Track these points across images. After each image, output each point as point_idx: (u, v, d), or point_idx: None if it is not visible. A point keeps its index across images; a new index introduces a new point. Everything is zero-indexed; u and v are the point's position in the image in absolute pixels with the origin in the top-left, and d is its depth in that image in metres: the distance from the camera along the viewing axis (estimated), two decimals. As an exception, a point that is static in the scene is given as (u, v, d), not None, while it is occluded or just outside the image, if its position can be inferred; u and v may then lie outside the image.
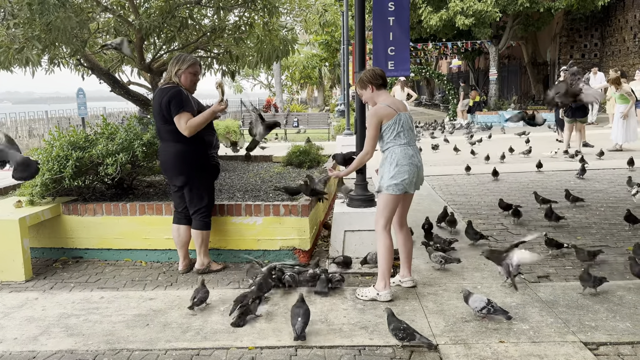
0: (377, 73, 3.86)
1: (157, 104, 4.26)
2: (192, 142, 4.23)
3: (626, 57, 21.55)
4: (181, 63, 4.26)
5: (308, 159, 7.26)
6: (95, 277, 4.50)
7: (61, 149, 4.79)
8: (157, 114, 4.29)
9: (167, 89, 4.22)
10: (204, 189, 4.39)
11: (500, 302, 3.66)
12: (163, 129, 4.30)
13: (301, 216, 4.60)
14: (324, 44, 31.50)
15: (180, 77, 4.27)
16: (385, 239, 3.81)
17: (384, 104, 3.78)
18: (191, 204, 4.38)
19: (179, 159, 4.27)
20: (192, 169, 4.27)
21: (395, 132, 3.73)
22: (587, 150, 10.91)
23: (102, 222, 4.84)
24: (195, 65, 4.33)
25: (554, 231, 5.42)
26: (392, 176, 3.71)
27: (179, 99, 4.15)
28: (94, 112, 20.37)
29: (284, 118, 17.42)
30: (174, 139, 4.24)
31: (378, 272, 3.86)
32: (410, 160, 3.71)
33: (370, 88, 3.85)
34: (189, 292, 4.03)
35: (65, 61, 7.51)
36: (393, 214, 3.88)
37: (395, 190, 3.71)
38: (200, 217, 4.40)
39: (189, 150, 4.26)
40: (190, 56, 4.40)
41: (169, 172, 4.37)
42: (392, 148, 3.74)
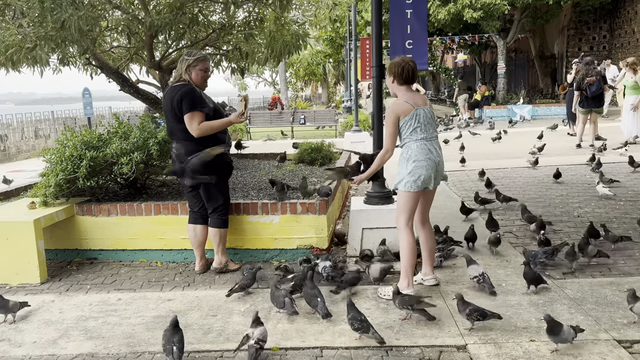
0: (404, 71, 3.69)
1: (169, 102, 4.19)
2: (205, 140, 4.17)
3: (636, 48, 21.28)
4: (191, 60, 4.19)
5: (320, 156, 7.18)
6: (111, 279, 4.44)
7: (75, 149, 4.73)
8: (168, 112, 4.22)
9: (178, 87, 4.15)
10: (219, 187, 4.33)
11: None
12: (176, 128, 4.23)
13: (319, 214, 4.53)
14: (329, 40, 31.40)
15: (190, 74, 4.20)
16: (408, 236, 3.72)
17: (402, 99, 3.70)
18: (209, 203, 4.33)
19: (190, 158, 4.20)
20: (206, 167, 4.20)
21: (412, 128, 3.65)
22: (599, 143, 10.76)
23: (117, 222, 4.78)
24: (205, 62, 4.27)
25: (575, 227, 5.32)
26: (409, 172, 3.63)
27: (191, 97, 4.09)
28: (98, 112, 20.34)
29: (290, 115, 17.35)
30: (187, 138, 4.18)
31: (401, 270, 3.78)
32: (427, 156, 3.62)
33: (392, 79, 3.76)
34: (207, 293, 3.97)
35: (75, 60, 7.47)
36: (414, 210, 3.80)
37: (413, 187, 3.63)
38: (217, 215, 4.35)
39: (202, 149, 4.18)
40: (200, 52, 4.34)
41: (187, 172, 4.29)
42: (408, 144, 3.67)
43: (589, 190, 6.91)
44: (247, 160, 7.78)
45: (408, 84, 3.76)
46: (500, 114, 18.74)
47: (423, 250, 3.94)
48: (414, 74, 3.75)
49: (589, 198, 6.45)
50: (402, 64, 3.72)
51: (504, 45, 20.66)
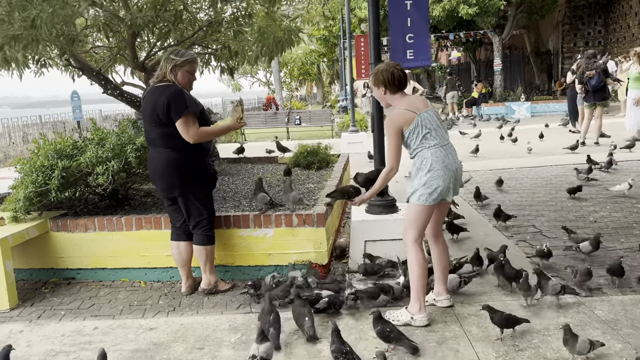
0: (396, 77, 3.29)
1: (150, 105, 3.74)
2: (185, 148, 3.74)
3: (631, 43, 20.98)
4: (179, 60, 3.75)
5: (317, 159, 6.76)
6: (88, 303, 4.00)
7: (46, 158, 4.29)
8: (148, 115, 3.78)
9: (164, 88, 3.71)
10: (201, 200, 3.88)
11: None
12: (154, 133, 3.79)
13: (317, 226, 4.11)
14: (322, 39, 30.94)
15: (176, 74, 3.77)
16: (417, 253, 3.31)
17: (401, 108, 3.28)
18: (190, 217, 3.89)
19: (171, 168, 3.77)
20: (186, 178, 3.78)
21: (422, 136, 3.23)
22: (604, 140, 10.41)
23: (95, 238, 4.34)
24: (193, 63, 3.85)
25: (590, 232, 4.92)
26: (424, 183, 3.21)
27: (181, 99, 3.66)
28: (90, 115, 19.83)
29: (285, 116, 16.91)
30: (166, 145, 3.75)
31: (411, 291, 3.37)
32: (444, 164, 3.21)
33: (382, 89, 3.34)
34: (194, 320, 3.55)
35: (54, 62, 7.03)
36: (425, 225, 3.39)
37: (429, 201, 3.22)
38: (201, 230, 3.91)
39: (181, 158, 3.76)
40: (188, 52, 3.89)
41: (160, 182, 3.88)
42: (420, 152, 3.25)
43: (601, 191, 6.53)
44: (240, 164, 7.35)
45: (402, 90, 3.35)
46: (498, 112, 18.39)
47: (436, 267, 3.53)
48: (405, 77, 3.35)
49: (603, 200, 6.07)
50: (389, 69, 3.31)
51: (499, 41, 20.31)
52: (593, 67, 10.13)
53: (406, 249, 3.37)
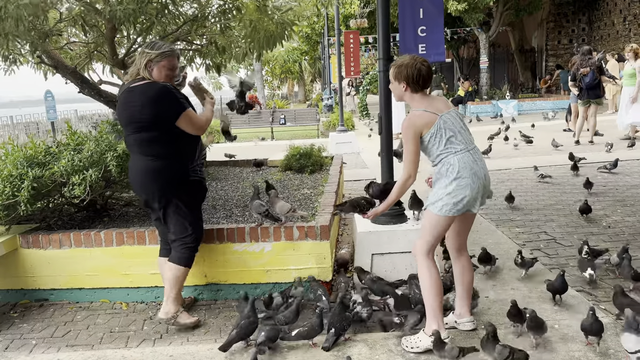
0: (422, 74, 2.90)
1: (128, 107, 3.26)
2: (166, 155, 3.29)
3: (616, 41, 21.06)
4: (154, 54, 3.26)
5: (310, 162, 6.36)
6: (63, 329, 3.55)
7: (14, 167, 3.82)
8: (125, 119, 3.29)
9: (145, 87, 3.23)
10: (186, 214, 3.38)
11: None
12: (132, 139, 3.33)
13: (320, 240, 3.72)
14: (304, 37, 30.52)
15: (151, 71, 3.28)
16: (430, 268, 2.95)
17: (420, 109, 2.91)
18: (170, 232, 3.42)
19: (150, 177, 3.32)
20: (167, 188, 3.32)
21: (445, 139, 2.86)
22: (597, 139, 10.23)
23: (71, 255, 3.89)
24: (172, 58, 3.34)
25: (611, 241, 4.63)
26: (449, 192, 2.85)
27: (172, 96, 3.24)
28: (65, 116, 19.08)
29: (269, 115, 16.45)
30: (144, 152, 3.30)
31: (427, 312, 3.01)
32: (472, 171, 2.85)
33: (403, 86, 2.95)
34: (184, 350, 3.12)
35: (25, 59, 6.51)
36: (441, 238, 3.03)
37: (452, 211, 2.85)
38: (181, 247, 3.40)
39: (162, 166, 3.30)
40: (166, 45, 3.41)
41: (140, 193, 3.45)
42: (445, 158, 2.87)
43: (608, 193, 6.27)
44: (227, 167, 6.92)
45: (424, 89, 2.98)
46: (485, 110, 18.20)
47: (458, 285, 3.16)
48: (430, 77, 2.97)
49: (612, 203, 5.80)
50: (416, 64, 2.91)
51: (486, 39, 20.14)
52: (587, 64, 9.93)
53: (418, 263, 3.00)
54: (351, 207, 3.34)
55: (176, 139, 3.30)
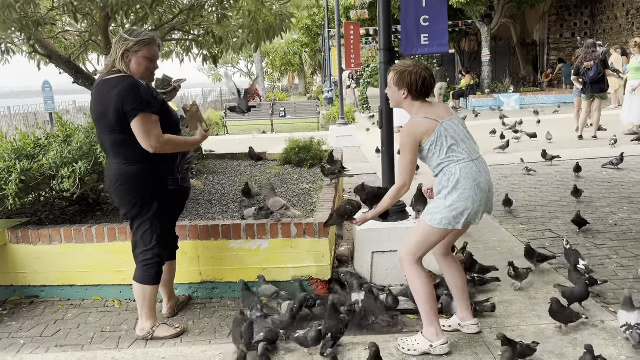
0: (426, 84, 2.74)
1: (98, 104, 2.94)
2: (140, 159, 2.96)
3: (619, 34, 20.86)
4: (131, 42, 2.90)
5: (309, 156, 6.23)
6: (53, 328, 3.42)
7: (2, 159, 3.68)
8: (98, 115, 2.96)
9: (116, 81, 2.88)
10: (153, 226, 3.07)
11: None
12: (104, 140, 3.03)
13: (319, 237, 3.59)
14: (305, 28, 30.29)
15: (128, 62, 2.93)
16: (421, 275, 2.83)
17: (420, 116, 2.74)
18: (134, 240, 3.15)
19: (120, 183, 3.01)
20: (137, 198, 3.01)
21: (447, 147, 2.70)
22: (600, 134, 10.09)
23: (62, 251, 3.76)
24: (152, 47, 2.98)
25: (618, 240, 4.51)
26: (449, 205, 2.69)
27: (135, 94, 2.83)
28: (63, 107, 18.88)
29: (269, 107, 16.29)
30: (116, 154, 2.99)
31: (422, 317, 2.89)
32: (475, 182, 2.68)
33: (404, 93, 2.77)
34: (177, 351, 3.00)
35: (19, 48, 6.37)
36: (431, 249, 2.89)
37: (452, 225, 2.71)
38: (142, 264, 3.11)
39: (134, 171, 2.98)
40: (144, 32, 3.01)
41: (113, 199, 3.18)
42: (447, 168, 2.71)
43: (613, 190, 6.14)
44: (224, 161, 6.78)
45: (425, 98, 2.82)
46: (487, 104, 18.05)
47: (452, 287, 3.04)
48: (433, 86, 2.81)
49: (618, 200, 5.67)
50: (420, 72, 2.74)
51: (488, 31, 19.91)
52: (592, 58, 9.77)
53: (406, 270, 2.87)
54: (339, 218, 3.16)
55: None
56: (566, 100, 17.33)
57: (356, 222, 3.09)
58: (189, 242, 3.65)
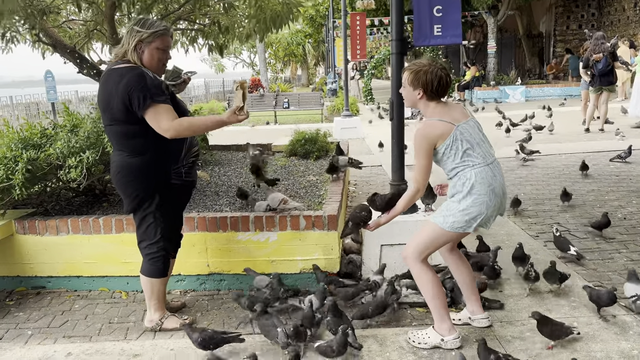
0: (442, 84, 2.67)
1: (104, 93, 2.88)
2: (142, 151, 2.92)
3: (626, 26, 20.65)
4: (144, 32, 2.86)
5: (315, 148, 6.18)
6: (61, 319, 3.41)
7: (9, 149, 3.65)
8: (103, 104, 2.91)
9: (124, 71, 2.83)
10: (157, 219, 3.03)
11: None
12: (108, 130, 2.99)
13: (328, 230, 3.56)
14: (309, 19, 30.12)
15: (141, 53, 2.89)
16: (427, 272, 2.81)
17: (434, 118, 2.67)
18: (138, 233, 3.12)
19: (123, 175, 2.97)
20: (139, 190, 2.97)
21: (462, 151, 2.64)
22: (607, 127, 10.01)
23: (69, 242, 3.74)
24: (165, 37, 2.93)
25: (627, 234, 4.47)
26: (462, 209, 2.65)
27: (143, 83, 2.78)
28: (66, 97, 18.83)
29: (273, 99, 16.22)
30: (120, 146, 2.95)
31: (433, 313, 2.87)
32: (490, 187, 2.64)
33: (419, 93, 2.69)
34: (186, 342, 2.97)
35: (23, 37, 6.33)
36: (437, 249, 2.89)
37: (464, 228, 2.68)
38: (148, 257, 3.10)
39: (137, 163, 2.93)
40: (158, 22, 2.95)
41: (119, 192, 3.12)
42: (462, 172, 2.66)
43: (621, 183, 6.10)
44: (230, 152, 6.74)
45: (440, 98, 2.76)
46: (492, 96, 17.94)
47: (461, 283, 3.02)
48: (449, 85, 2.74)
49: (627, 194, 5.63)
50: (436, 71, 2.66)
51: (494, 23, 19.74)
52: (600, 50, 9.67)
53: (412, 268, 2.84)
54: (355, 227, 3.08)
55: (158, 135, 2.86)
56: (572, 93, 17.22)
57: (370, 227, 3.03)
58: (197, 233, 3.63)
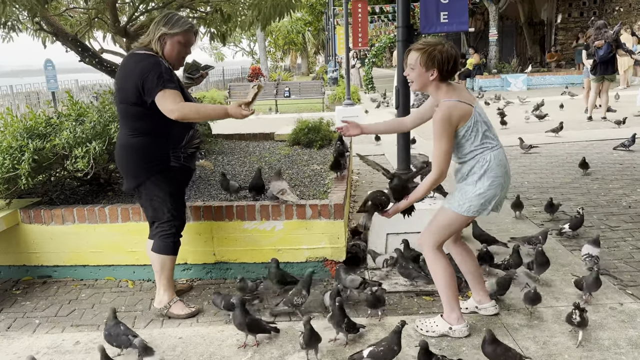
0: (457, 62, 2.61)
1: (122, 74, 3.08)
2: (145, 132, 3.05)
3: (628, 14, 20.54)
4: (170, 26, 3.01)
5: (319, 137, 6.16)
6: (68, 308, 3.42)
7: (14, 138, 3.63)
8: (120, 87, 3.07)
9: (141, 56, 3.01)
10: (161, 199, 3.13)
11: (622, 337, 2.71)
12: (119, 109, 3.14)
13: (334, 219, 3.56)
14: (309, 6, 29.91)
15: (164, 44, 3.04)
16: (442, 259, 2.81)
17: (454, 99, 2.59)
18: (148, 216, 3.23)
19: (124, 153, 3.11)
20: (140, 169, 3.08)
21: (482, 134, 2.61)
22: (610, 115, 9.99)
23: (75, 231, 3.74)
24: (189, 33, 3.09)
25: (633, 222, 4.47)
26: (479, 193, 2.64)
27: (158, 70, 2.93)
28: (66, 86, 18.74)
29: (274, 87, 16.15)
30: (125, 125, 3.10)
31: (443, 302, 2.87)
32: (505, 169, 2.66)
33: (433, 73, 2.59)
34: (194, 331, 3.00)
35: (24, 25, 6.28)
36: (453, 235, 2.88)
37: (480, 212, 2.68)
38: (160, 234, 3.17)
39: (138, 143, 3.05)
40: (184, 19, 3.11)
41: (120, 171, 3.26)
42: (481, 155, 2.63)
43: (625, 171, 6.09)
44: (232, 142, 6.72)
45: (450, 79, 2.70)
46: (494, 84, 17.88)
47: (466, 273, 3.01)
48: (459, 65, 2.70)
49: (631, 182, 5.63)
50: (449, 49, 2.59)
51: (495, 10, 19.61)
52: (602, 39, 9.61)
53: (427, 256, 2.84)
54: (374, 207, 2.97)
55: (164, 119, 2.97)
56: (574, 81, 17.16)
57: (388, 214, 2.96)
58: (203, 222, 3.63)
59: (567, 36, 22.88)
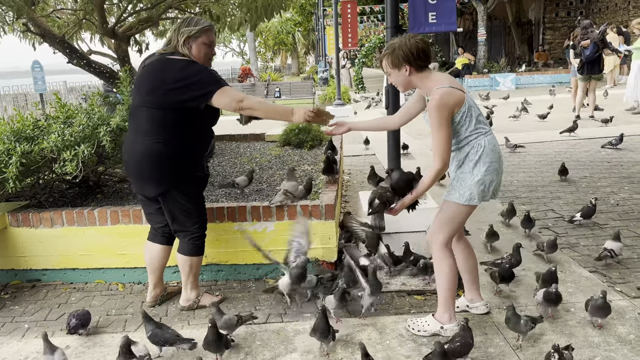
0: (420, 48, 2.60)
1: (154, 78, 2.99)
2: (177, 142, 2.99)
3: (614, 14, 20.75)
4: (194, 30, 3.01)
5: (309, 137, 6.17)
6: (57, 312, 3.39)
7: (1, 142, 3.59)
8: (148, 91, 2.98)
9: (181, 63, 2.97)
10: (187, 207, 3.12)
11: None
12: (144, 114, 2.99)
13: (325, 219, 3.56)
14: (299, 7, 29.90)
15: (190, 47, 3.03)
16: (448, 259, 2.81)
17: (445, 85, 2.58)
18: (174, 222, 3.16)
19: (153, 162, 2.98)
20: (172, 176, 3.02)
21: (475, 118, 2.63)
22: (597, 114, 10.08)
23: (64, 234, 3.71)
24: (210, 33, 3.09)
25: (621, 220, 4.52)
26: (478, 180, 2.65)
27: (208, 73, 2.99)
28: (54, 87, 18.56)
29: (264, 88, 16.11)
30: (152, 131, 2.96)
31: (439, 300, 2.88)
32: (498, 155, 2.70)
33: (406, 69, 2.62)
34: (185, 333, 2.98)
35: (10, 27, 6.22)
36: (460, 227, 2.89)
37: (481, 199, 2.70)
38: (190, 239, 3.19)
39: (169, 152, 2.97)
40: (202, 20, 3.12)
41: (136, 177, 3.13)
42: (475, 140, 2.64)
43: (613, 170, 6.16)
44: (223, 142, 6.70)
45: (428, 65, 2.69)
46: (483, 84, 17.97)
47: (463, 271, 3.02)
48: (429, 49, 2.69)
49: (619, 180, 5.69)
50: (408, 41, 2.60)
51: (484, 10, 19.73)
52: (588, 38, 9.71)
53: (435, 254, 2.85)
54: (382, 205, 2.86)
55: (197, 129, 3.05)
56: (562, 80, 17.29)
57: (395, 211, 2.88)
58: (194, 224, 3.61)
59: (554, 35, 23.08)
